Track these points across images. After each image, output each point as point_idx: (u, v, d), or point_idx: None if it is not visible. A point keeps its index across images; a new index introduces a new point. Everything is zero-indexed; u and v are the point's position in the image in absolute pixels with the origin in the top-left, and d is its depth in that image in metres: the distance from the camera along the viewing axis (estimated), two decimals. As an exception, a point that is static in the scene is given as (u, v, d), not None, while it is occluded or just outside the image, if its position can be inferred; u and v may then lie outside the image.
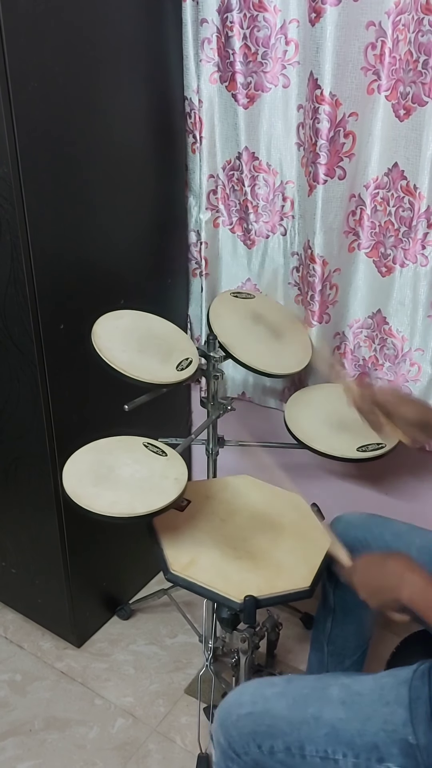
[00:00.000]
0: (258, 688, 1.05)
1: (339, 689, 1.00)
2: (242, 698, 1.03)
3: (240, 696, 1.04)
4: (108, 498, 1.14)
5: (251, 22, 1.34)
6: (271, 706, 1.00)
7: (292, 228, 1.51)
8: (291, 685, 1.03)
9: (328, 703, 0.98)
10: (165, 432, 1.45)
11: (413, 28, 1.20)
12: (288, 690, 1.02)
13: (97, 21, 1.25)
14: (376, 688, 0.99)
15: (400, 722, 0.94)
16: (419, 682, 0.96)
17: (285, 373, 1.46)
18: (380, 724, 0.94)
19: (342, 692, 0.99)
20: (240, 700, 1.03)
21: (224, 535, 1.30)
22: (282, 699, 1.01)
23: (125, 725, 1.53)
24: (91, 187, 1.35)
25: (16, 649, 1.72)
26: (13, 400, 1.43)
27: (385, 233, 1.40)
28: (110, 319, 1.34)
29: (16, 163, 1.17)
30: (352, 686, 1.00)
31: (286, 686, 1.03)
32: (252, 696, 1.03)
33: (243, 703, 1.02)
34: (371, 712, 0.96)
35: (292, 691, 1.02)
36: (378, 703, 0.97)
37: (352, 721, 0.96)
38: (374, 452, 1.36)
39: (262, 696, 1.02)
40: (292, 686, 1.03)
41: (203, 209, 1.56)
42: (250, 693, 1.04)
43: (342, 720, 0.96)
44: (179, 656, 1.70)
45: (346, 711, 0.97)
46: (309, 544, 1.27)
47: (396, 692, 0.97)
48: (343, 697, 0.98)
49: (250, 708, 1.01)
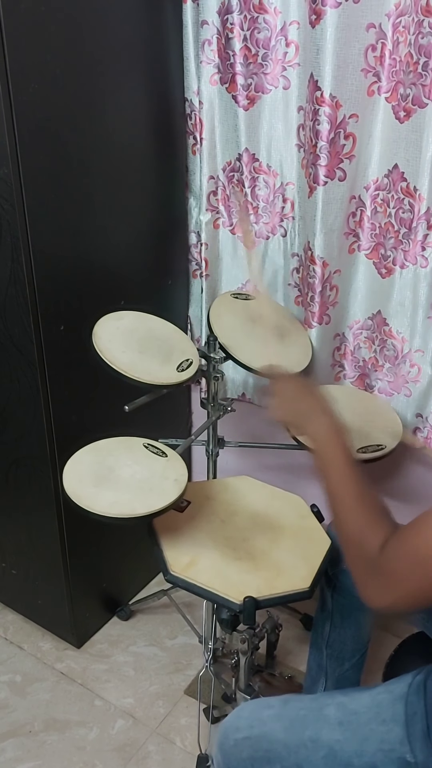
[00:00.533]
0: (254, 710, 1.04)
1: (335, 709, 0.99)
2: (239, 722, 1.03)
3: (237, 719, 1.03)
4: (108, 499, 1.14)
5: (251, 24, 1.34)
6: (267, 729, 0.99)
7: (292, 229, 1.51)
8: (287, 706, 1.02)
9: (326, 725, 0.97)
10: (165, 433, 1.45)
11: (413, 30, 1.20)
12: (284, 712, 1.01)
13: (98, 22, 1.25)
14: (373, 706, 0.98)
15: (396, 741, 0.93)
16: (415, 697, 0.95)
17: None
18: (378, 744, 0.93)
19: (339, 712, 0.98)
20: (237, 724, 1.02)
21: (224, 536, 1.30)
22: (278, 722, 1.00)
23: (125, 726, 1.53)
24: (92, 188, 1.35)
25: (16, 650, 1.72)
26: (13, 401, 1.43)
27: (386, 235, 1.40)
28: (111, 320, 1.34)
29: (17, 164, 1.17)
30: (349, 705, 0.99)
31: (282, 708, 1.02)
32: (248, 719, 1.02)
33: (240, 727, 1.02)
34: (368, 732, 0.95)
35: (289, 713, 1.01)
36: (375, 721, 0.96)
37: (350, 742, 0.95)
38: (374, 453, 1.36)
39: (259, 719, 1.01)
40: (289, 708, 1.02)
41: (203, 210, 1.57)
42: (246, 716, 1.03)
43: (339, 741, 0.95)
44: (179, 657, 1.70)
45: (343, 732, 0.96)
46: (309, 545, 1.28)
47: (392, 709, 0.96)
48: (340, 718, 0.97)
49: (247, 732, 1.00)
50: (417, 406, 1.49)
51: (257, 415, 1.74)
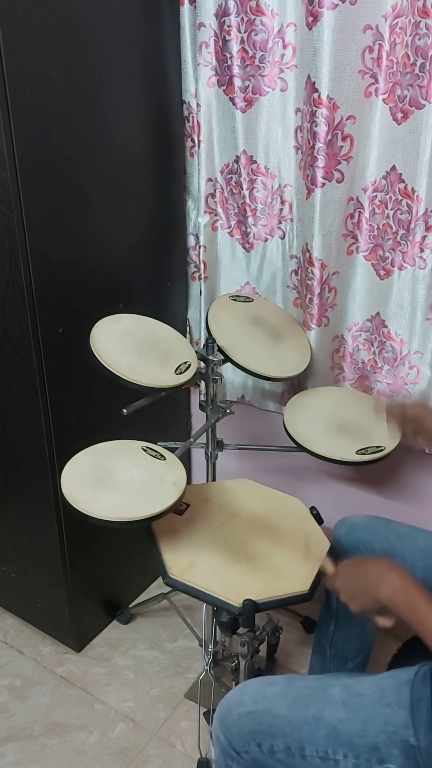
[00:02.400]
0: (259, 687, 1.05)
1: (340, 690, 1.00)
2: (243, 697, 1.04)
3: (241, 694, 1.04)
4: (106, 502, 1.14)
5: (249, 26, 1.34)
6: (271, 705, 1.01)
7: (290, 231, 1.51)
8: (292, 684, 1.03)
9: (329, 704, 0.98)
10: (164, 436, 1.45)
11: (410, 31, 1.20)
12: (289, 690, 1.02)
13: (95, 25, 1.26)
14: (377, 689, 0.99)
15: (401, 724, 0.94)
16: (421, 684, 0.96)
17: (284, 376, 1.46)
18: (381, 726, 0.94)
19: (343, 693, 0.99)
20: (241, 699, 1.03)
21: (223, 538, 1.29)
22: (283, 698, 1.01)
23: (125, 730, 1.53)
24: (90, 190, 1.35)
25: (16, 653, 1.72)
26: (11, 404, 1.43)
27: (384, 236, 1.40)
28: (109, 322, 1.34)
29: (14, 168, 1.17)
30: (353, 687, 1.00)
31: (287, 686, 1.03)
32: (253, 695, 1.03)
33: (244, 701, 1.03)
34: (372, 713, 0.96)
35: (293, 691, 1.02)
36: (379, 704, 0.97)
37: (353, 722, 0.96)
38: (373, 455, 1.36)
39: (263, 695, 1.02)
40: (293, 686, 1.03)
41: (202, 213, 1.56)
42: (250, 692, 1.04)
43: (342, 721, 0.96)
44: (179, 660, 1.70)
45: (346, 712, 0.97)
46: (308, 548, 1.27)
47: (397, 694, 0.97)
48: (344, 698, 0.99)
49: (250, 707, 1.01)
50: (416, 408, 1.49)
51: (256, 418, 1.74)
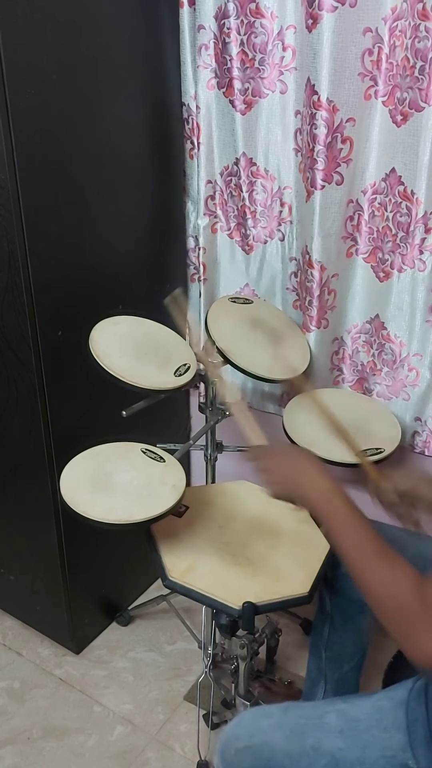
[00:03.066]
0: (254, 719, 1.03)
1: (336, 716, 0.98)
2: (239, 731, 1.02)
3: (237, 728, 1.03)
4: (105, 505, 1.14)
5: (248, 29, 1.34)
6: (268, 738, 0.99)
7: (290, 233, 1.51)
8: (287, 714, 1.01)
9: (327, 733, 0.97)
10: (163, 438, 1.44)
11: (410, 34, 1.20)
12: (284, 721, 1.00)
13: (95, 28, 1.26)
14: (374, 712, 0.97)
15: (398, 747, 0.92)
16: (415, 702, 0.95)
17: (283, 378, 1.46)
18: (380, 751, 0.93)
19: (339, 720, 0.98)
20: (237, 733, 1.02)
21: (223, 541, 1.29)
22: (279, 730, 0.99)
23: (124, 733, 1.52)
24: (89, 193, 1.35)
25: (15, 656, 1.72)
26: (11, 407, 1.43)
27: (383, 238, 1.40)
28: (108, 324, 1.34)
29: (14, 170, 1.17)
30: (349, 712, 0.98)
31: (282, 716, 1.01)
32: (248, 728, 1.02)
33: (240, 736, 1.01)
34: (370, 739, 0.94)
35: (289, 722, 1.00)
36: (376, 728, 0.95)
37: (352, 750, 0.94)
38: (373, 457, 1.35)
39: (259, 728, 1.01)
40: (289, 716, 1.01)
41: (201, 215, 1.56)
42: (246, 725, 1.02)
43: (341, 749, 0.95)
44: (178, 663, 1.70)
45: (344, 739, 0.95)
46: (307, 550, 1.27)
47: (393, 716, 0.95)
48: (341, 726, 0.97)
49: (247, 741, 1.00)
50: (416, 410, 1.49)
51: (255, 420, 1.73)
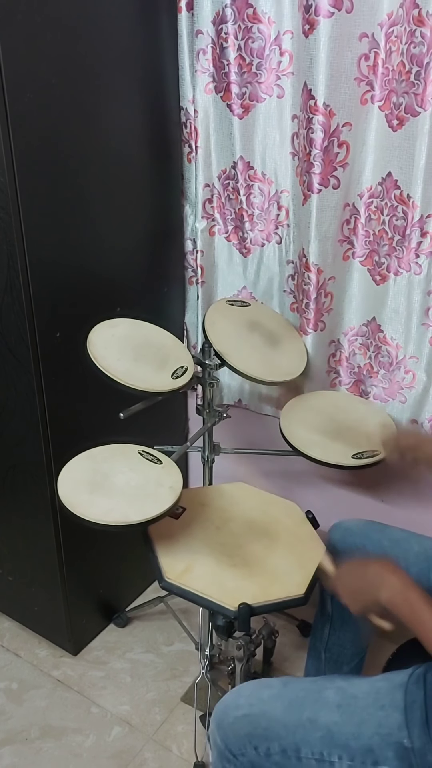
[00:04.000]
0: (255, 689, 1.05)
1: (335, 692, 1.01)
2: (239, 700, 1.04)
3: (237, 698, 1.05)
4: (102, 506, 1.14)
5: (246, 34, 1.35)
6: (267, 708, 1.01)
7: (287, 236, 1.52)
8: (287, 687, 1.04)
9: (324, 707, 0.99)
10: (161, 439, 1.45)
11: (406, 39, 1.21)
12: (284, 692, 1.03)
13: (94, 32, 1.26)
14: (372, 692, 0.99)
15: (395, 726, 0.94)
16: (414, 686, 0.97)
17: (280, 380, 1.46)
18: (375, 728, 0.95)
19: (337, 695, 1.00)
20: (237, 702, 1.04)
21: (219, 542, 1.30)
22: (278, 701, 1.01)
23: (121, 733, 1.53)
24: (88, 196, 1.36)
25: (13, 657, 1.72)
26: (9, 408, 1.43)
27: (379, 242, 1.40)
28: (106, 327, 1.35)
29: (12, 173, 1.17)
30: (348, 689, 1.01)
31: (282, 688, 1.04)
32: (248, 698, 1.04)
33: (240, 705, 1.03)
34: (366, 716, 0.96)
35: (289, 694, 1.02)
36: (373, 706, 0.97)
37: (348, 725, 0.96)
38: (369, 459, 1.36)
39: (259, 698, 1.03)
40: (289, 689, 1.04)
41: (199, 218, 1.57)
42: (246, 695, 1.05)
43: (337, 723, 0.97)
44: (176, 664, 1.70)
45: (341, 714, 0.98)
46: (304, 552, 1.28)
47: (391, 696, 0.97)
48: (339, 701, 0.99)
49: (246, 710, 1.02)
50: (412, 413, 1.49)
51: (252, 422, 1.74)
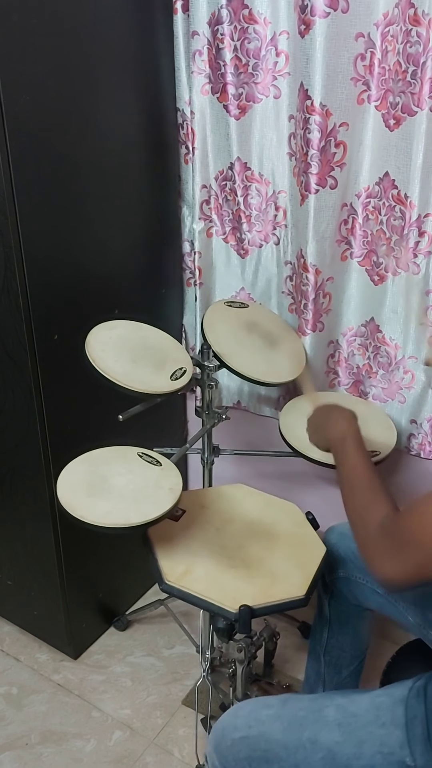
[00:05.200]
0: (253, 709, 1.03)
1: (335, 711, 0.98)
2: (237, 721, 1.02)
3: (234, 718, 1.03)
4: (102, 508, 1.14)
5: (242, 34, 1.35)
6: (266, 729, 0.99)
7: (284, 237, 1.52)
8: (286, 706, 1.01)
9: (324, 726, 0.97)
10: (160, 441, 1.45)
11: (402, 39, 1.21)
12: (283, 712, 1.00)
13: (90, 33, 1.26)
14: (372, 709, 0.97)
15: (396, 744, 0.92)
16: (415, 700, 0.95)
17: (279, 381, 1.46)
18: (377, 747, 0.93)
19: (338, 714, 0.98)
20: (235, 723, 1.02)
21: (219, 544, 1.29)
22: (277, 722, 0.99)
23: (122, 738, 1.52)
24: (85, 197, 1.35)
25: (13, 661, 1.71)
26: (7, 411, 1.43)
27: (377, 242, 1.40)
28: (104, 329, 1.34)
29: (9, 175, 1.17)
30: (348, 707, 0.98)
31: (281, 708, 1.01)
32: (247, 719, 1.01)
33: (238, 726, 1.01)
34: (367, 735, 0.94)
35: (288, 714, 1.00)
36: (374, 724, 0.95)
37: (349, 744, 0.94)
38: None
39: (257, 719, 1.01)
40: (287, 708, 1.01)
41: (196, 219, 1.57)
42: (244, 715, 1.02)
43: (338, 743, 0.95)
44: (177, 667, 1.69)
45: (342, 734, 0.95)
46: (304, 553, 1.27)
47: (392, 713, 0.95)
48: (339, 719, 0.97)
49: (245, 732, 1.00)
50: (411, 413, 1.49)
51: (252, 423, 1.74)
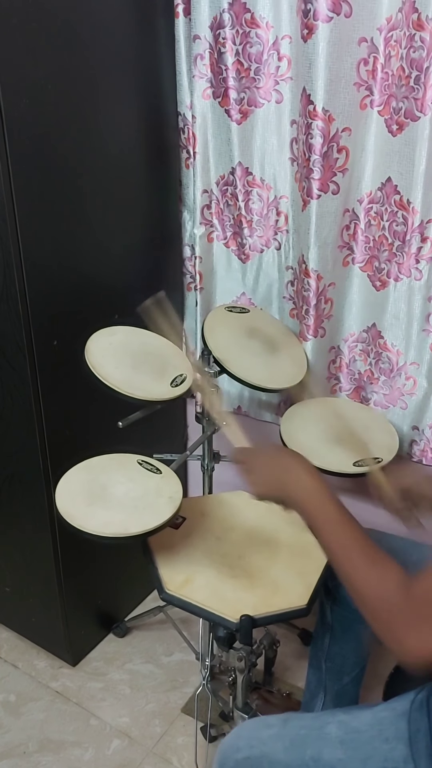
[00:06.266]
0: (254, 730, 1.02)
1: (337, 727, 0.97)
2: (238, 742, 1.01)
3: (236, 739, 1.02)
4: (101, 518, 1.13)
5: (244, 39, 1.34)
6: (268, 749, 0.98)
7: (286, 242, 1.51)
8: (288, 725, 1.00)
9: (327, 743, 0.96)
10: (160, 448, 1.44)
11: (405, 44, 1.20)
12: (285, 731, 0.99)
13: (91, 38, 1.25)
14: (375, 724, 0.96)
15: (400, 759, 0.91)
16: (418, 713, 0.94)
17: (280, 387, 1.45)
18: (381, 762, 0.92)
19: (340, 731, 0.96)
20: (236, 744, 1.01)
21: (220, 553, 1.28)
22: (279, 741, 0.98)
23: (121, 746, 1.51)
24: (85, 202, 1.34)
25: (11, 668, 1.70)
26: (6, 418, 1.42)
27: (379, 247, 1.39)
28: (104, 335, 1.33)
29: (9, 180, 1.16)
30: (350, 723, 0.97)
31: (282, 727, 1.00)
32: (248, 739, 1.00)
33: (240, 747, 1.00)
34: (371, 750, 0.93)
35: (289, 733, 0.99)
36: (377, 740, 0.94)
37: (352, 761, 0.93)
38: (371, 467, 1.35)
39: (259, 739, 1.00)
40: (289, 727, 1.00)
41: (197, 224, 1.56)
42: (245, 736, 1.01)
43: (342, 761, 0.93)
44: (176, 675, 1.68)
45: (345, 751, 0.94)
46: (305, 562, 1.26)
47: (395, 727, 0.94)
48: (342, 736, 0.96)
49: (247, 752, 0.99)
50: (413, 419, 1.48)
51: (252, 429, 1.73)
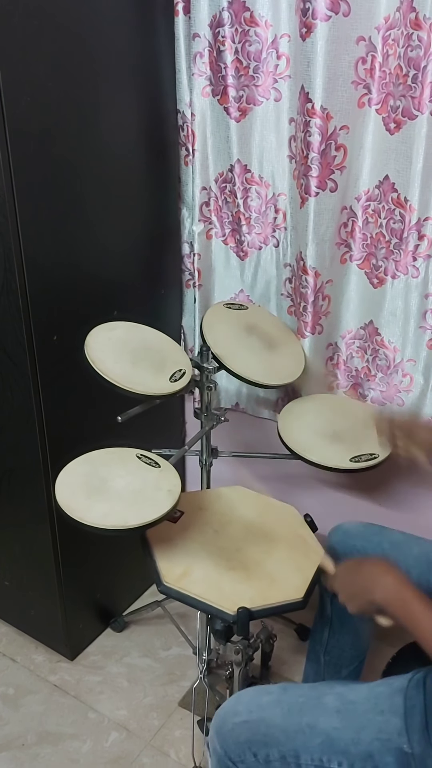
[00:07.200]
0: (254, 696, 1.05)
1: (334, 698, 1.01)
2: (238, 707, 1.04)
3: (236, 704, 1.05)
4: (100, 510, 1.14)
5: (243, 37, 1.35)
6: (266, 714, 1.01)
7: (284, 239, 1.52)
8: (286, 693, 1.04)
9: (323, 712, 0.99)
10: (159, 443, 1.45)
11: (403, 42, 1.21)
12: (283, 698, 1.03)
13: (91, 35, 1.26)
14: (371, 697, 0.99)
15: (394, 731, 0.94)
16: (414, 691, 0.97)
17: (278, 383, 1.46)
18: (375, 733, 0.95)
19: (337, 701, 1.00)
20: (236, 709, 1.04)
21: (217, 546, 1.29)
22: (277, 707, 1.01)
23: (119, 739, 1.52)
24: (85, 199, 1.35)
25: (9, 662, 1.71)
26: (6, 412, 1.43)
27: (377, 245, 1.41)
28: (103, 330, 1.34)
29: (10, 176, 1.17)
30: (347, 695, 1.01)
31: (281, 695, 1.04)
32: (248, 704, 1.04)
33: (239, 711, 1.03)
34: (366, 721, 0.96)
35: (288, 700, 1.02)
36: (373, 712, 0.97)
37: (347, 730, 0.96)
38: (367, 462, 1.36)
39: (258, 704, 1.03)
40: (288, 695, 1.03)
41: (196, 221, 1.57)
42: (245, 701, 1.04)
43: (337, 729, 0.97)
44: (173, 668, 1.69)
45: (340, 720, 0.97)
46: (302, 555, 1.27)
47: (391, 701, 0.97)
48: (338, 706, 0.99)
49: (245, 716, 1.02)
50: (410, 415, 1.49)
51: (250, 425, 1.74)
